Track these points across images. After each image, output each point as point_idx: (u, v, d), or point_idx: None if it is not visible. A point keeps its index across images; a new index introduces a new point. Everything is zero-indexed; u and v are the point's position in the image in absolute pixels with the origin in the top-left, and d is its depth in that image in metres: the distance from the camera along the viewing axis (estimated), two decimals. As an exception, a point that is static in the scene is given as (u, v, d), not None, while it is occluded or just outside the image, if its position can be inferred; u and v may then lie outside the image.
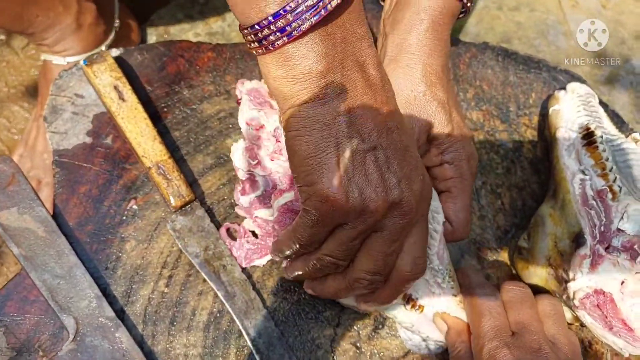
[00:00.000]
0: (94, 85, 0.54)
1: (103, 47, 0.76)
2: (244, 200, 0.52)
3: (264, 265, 0.54)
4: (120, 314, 0.49)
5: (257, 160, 0.51)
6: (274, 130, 0.51)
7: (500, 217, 0.61)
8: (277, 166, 0.51)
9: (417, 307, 0.51)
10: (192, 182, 0.56)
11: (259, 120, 0.51)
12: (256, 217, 0.52)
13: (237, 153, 0.52)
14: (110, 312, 0.48)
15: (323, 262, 0.42)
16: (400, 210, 0.40)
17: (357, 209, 0.38)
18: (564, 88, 0.63)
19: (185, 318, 0.51)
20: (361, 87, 0.38)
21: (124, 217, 0.53)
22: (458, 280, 0.52)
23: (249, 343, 0.50)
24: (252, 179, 0.52)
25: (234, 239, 0.54)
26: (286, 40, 0.36)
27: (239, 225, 0.54)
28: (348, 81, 0.38)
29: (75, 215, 0.52)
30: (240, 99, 0.54)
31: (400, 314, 0.51)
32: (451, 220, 0.51)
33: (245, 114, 0.52)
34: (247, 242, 0.53)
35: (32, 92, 0.89)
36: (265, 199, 0.52)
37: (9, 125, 0.86)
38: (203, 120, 0.58)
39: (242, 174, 0.52)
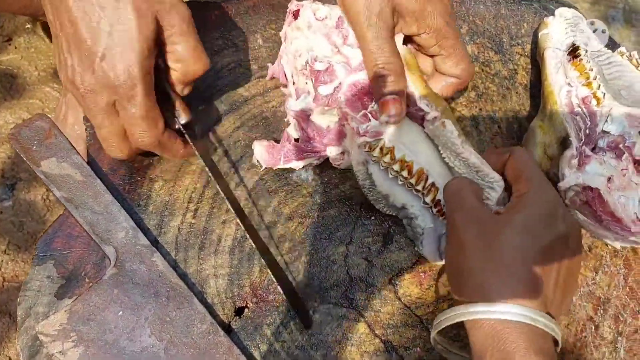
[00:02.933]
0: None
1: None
2: (294, 104, 0.56)
3: (280, 195, 0.59)
4: (155, 243, 0.55)
5: (337, 49, 0.56)
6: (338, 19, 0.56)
7: (497, 140, 0.65)
8: (355, 52, 0.55)
9: (442, 214, 0.55)
10: (210, 126, 0.61)
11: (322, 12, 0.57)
12: (310, 120, 0.56)
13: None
14: (145, 241, 0.54)
15: None
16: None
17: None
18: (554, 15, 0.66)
19: (212, 244, 0.56)
20: None
21: (151, 161, 0.59)
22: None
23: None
24: (330, 68, 0.55)
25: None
26: None
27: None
28: None
29: (107, 162, 0.58)
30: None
31: (422, 211, 0.56)
32: (456, 75, 0.54)
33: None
34: (289, 143, 0.57)
35: (60, 74, 0.97)
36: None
37: (42, 105, 0.93)
38: (215, 72, 0.64)
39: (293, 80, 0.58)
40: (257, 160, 0.58)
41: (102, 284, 0.52)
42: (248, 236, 0.54)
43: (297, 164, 0.58)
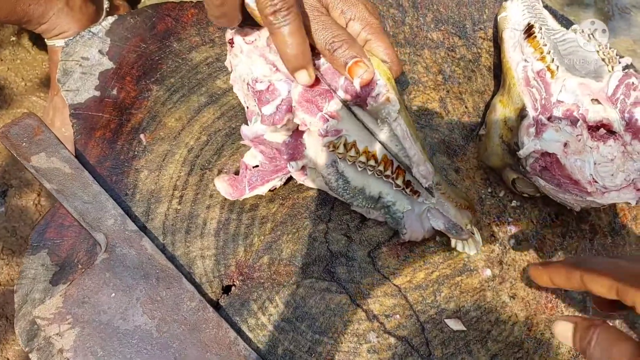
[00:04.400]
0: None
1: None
2: (247, 131, 0.56)
3: (259, 179, 0.62)
4: (143, 229, 0.58)
5: (275, 67, 0.57)
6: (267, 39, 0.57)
7: (465, 119, 0.68)
8: None
9: (415, 193, 0.57)
10: (190, 118, 0.64)
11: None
12: (265, 140, 0.56)
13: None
14: (133, 227, 0.57)
15: None
16: None
17: None
18: (512, 0, 0.70)
19: (198, 227, 0.59)
20: None
21: (136, 153, 0.62)
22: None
23: (254, 239, 0.58)
24: (271, 86, 0.56)
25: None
26: None
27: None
28: None
29: (94, 155, 0.61)
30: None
31: (396, 197, 0.58)
32: (385, 60, 0.56)
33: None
34: (249, 171, 0.59)
35: (46, 83, 0.99)
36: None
37: (30, 114, 0.97)
38: (193, 67, 0.67)
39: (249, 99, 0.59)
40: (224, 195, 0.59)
41: (95, 269, 0.55)
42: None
43: (262, 190, 0.59)
